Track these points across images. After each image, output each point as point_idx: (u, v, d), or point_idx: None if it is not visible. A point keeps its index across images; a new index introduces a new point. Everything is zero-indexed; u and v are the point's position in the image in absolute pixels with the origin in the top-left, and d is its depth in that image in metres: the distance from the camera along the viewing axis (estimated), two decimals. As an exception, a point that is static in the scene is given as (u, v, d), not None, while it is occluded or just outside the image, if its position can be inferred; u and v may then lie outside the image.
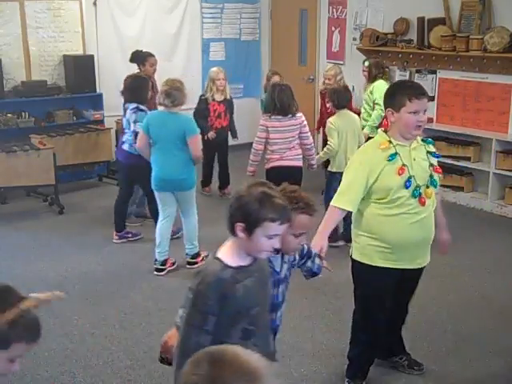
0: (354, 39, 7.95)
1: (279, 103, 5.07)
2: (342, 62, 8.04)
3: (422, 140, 3.20)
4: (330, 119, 5.45)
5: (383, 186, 3.06)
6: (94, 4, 7.66)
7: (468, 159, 6.69)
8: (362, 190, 3.08)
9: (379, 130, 3.28)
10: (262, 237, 2.11)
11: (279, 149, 5.17)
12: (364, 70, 6.62)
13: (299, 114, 5.22)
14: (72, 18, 7.52)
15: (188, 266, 5.06)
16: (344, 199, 3.13)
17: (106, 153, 7.41)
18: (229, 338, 2.12)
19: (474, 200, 6.67)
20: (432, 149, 3.23)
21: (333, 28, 8.32)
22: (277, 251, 2.26)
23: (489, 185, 6.50)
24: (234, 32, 9.00)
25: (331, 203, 3.19)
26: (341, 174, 5.32)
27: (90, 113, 7.55)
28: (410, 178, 3.04)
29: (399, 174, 3.03)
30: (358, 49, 7.72)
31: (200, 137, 4.98)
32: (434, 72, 7.13)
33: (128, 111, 5.40)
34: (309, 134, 5.27)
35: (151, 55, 6.47)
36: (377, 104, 6.25)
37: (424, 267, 3.31)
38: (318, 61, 8.53)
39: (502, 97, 6.48)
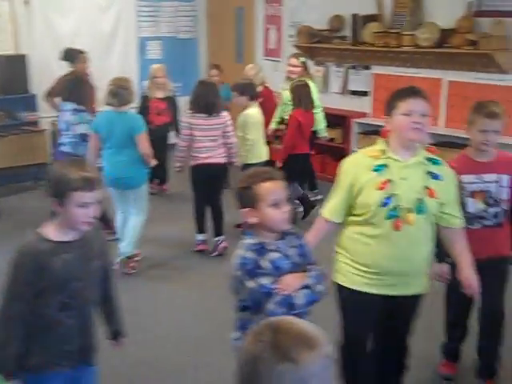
0: (291, 36, 8.02)
1: (204, 101, 5.04)
2: (279, 60, 8.11)
3: (428, 159, 2.73)
4: (249, 112, 5.47)
5: (363, 200, 2.69)
6: (26, 2, 7.48)
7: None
8: (345, 198, 2.75)
9: (379, 139, 2.82)
10: (74, 207, 2.27)
11: (204, 147, 5.14)
12: (296, 66, 6.33)
13: (224, 113, 5.20)
14: (3, 17, 7.34)
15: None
16: (327, 207, 2.86)
17: (41, 155, 7.26)
18: (47, 307, 2.30)
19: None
20: (434, 170, 2.71)
21: (269, 25, 8.38)
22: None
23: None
24: (170, 30, 8.97)
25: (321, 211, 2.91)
26: (258, 164, 5.27)
27: (23, 114, 7.37)
28: (390, 195, 2.63)
29: (380, 189, 2.64)
30: (294, 46, 7.80)
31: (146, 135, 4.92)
32: (369, 68, 7.27)
33: (66, 113, 5.31)
34: (232, 133, 5.24)
35: (82, 52, 6.45)
36: (317, 106, 6.14)
37: (417, 297, 2.88)
38: (256, 58, 8.57)
39: (434, 91, 6.65)
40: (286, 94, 6.14)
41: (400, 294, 2.78)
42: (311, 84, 6.10)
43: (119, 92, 4.76)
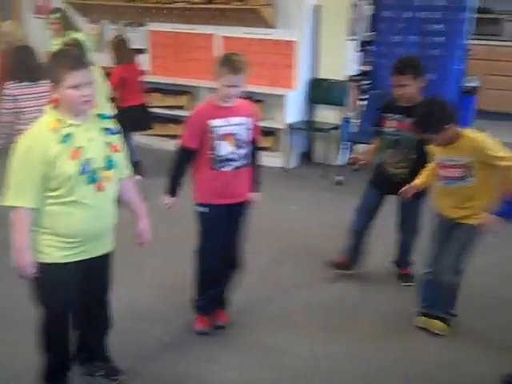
0: (62, -7, 7.69)
1: (27, 67, 4.56)
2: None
3: (98, 115, 2.85)
4: None
5: (59, 174, 2.66)
6: None
7: (181, 108, 7.01)
8: (40, 180, 2.65)
9: (46, 106, 2.80)
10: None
11: (32, 118, 4.67)
12: (53, 23, 6.32)
13: (47, 80, 4.87)
14: None
15: None
16: (25, 195, 2.65)
17: None
18: None
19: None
20: (108, 124, 2.87)
21: (37, -19, 7.95)
22: None
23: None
24: None
25: (9, 203, 2.66)
26: None
27: None
28: (86, 161, 2.70)
29: (74, 158, 2.67)
30: (65, 3, 7.49)
31: None
32: (144, 25, 7.26)
33: None
34: None
35: None
36: None
37: (109, 254, 2.98)
38: (25, 16, 8.11)
39: (206, 46, 6.86)
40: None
41: (97, 255, 2.88)
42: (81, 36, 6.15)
43: None
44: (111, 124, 2.88)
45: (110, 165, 2.79)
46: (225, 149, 3.33)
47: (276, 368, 3.27)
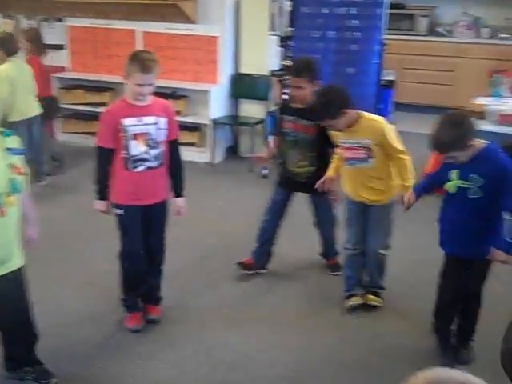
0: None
1: None
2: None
3: (1, 133, 2.69)
4: (2, 67, 5.24)
5: None
6: None
7: (104, 105, 6.90)
8: None
9: None
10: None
11: None
12: None
13: None
14: None
15: None
16: None
17: None
18: None
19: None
20: (11, 143, 2.69)
21: None
22: None
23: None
24: None
25: None
26: (21, 122, 5.15)
27: None
28: None
29: None
30: (-24, -3, 7.23)
31: None
32: (62, 20, 7.09)
33: None
34: None
35: None
36: None
37: (17, 271, 2.85)
38: None
39: (128, 41, 6.78)
40: None
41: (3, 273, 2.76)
42: None
43: None
44: (14, 143, 2.71)
45: (13, 189, 2.63)
46: (137, 149, 3.27)
47: (211, 362, 3.31)
